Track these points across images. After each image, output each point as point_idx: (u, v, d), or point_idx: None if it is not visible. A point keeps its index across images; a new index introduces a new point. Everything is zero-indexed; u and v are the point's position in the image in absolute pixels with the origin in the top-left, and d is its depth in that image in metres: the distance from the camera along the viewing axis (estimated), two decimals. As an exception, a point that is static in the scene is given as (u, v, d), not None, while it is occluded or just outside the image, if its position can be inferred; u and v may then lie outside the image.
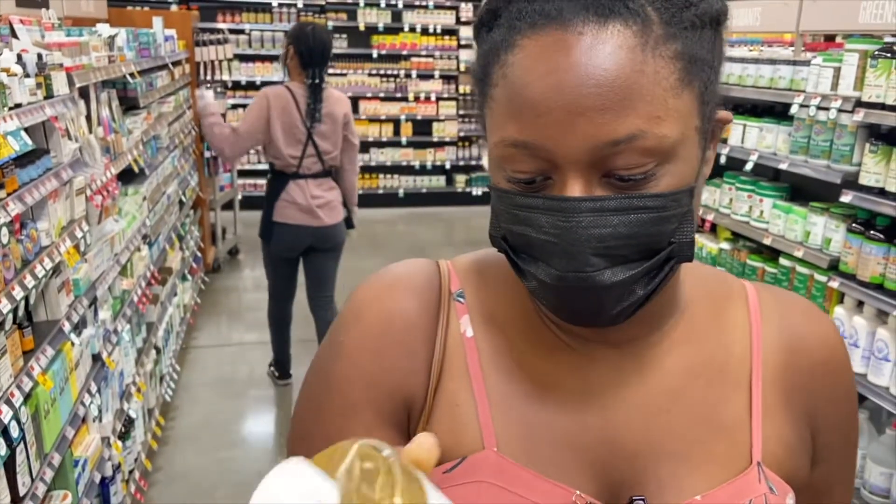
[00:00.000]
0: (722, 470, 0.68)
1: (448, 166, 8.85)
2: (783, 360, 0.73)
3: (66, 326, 2.26)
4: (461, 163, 8.88)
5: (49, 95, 2.25)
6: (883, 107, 2.59)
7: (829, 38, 5.21)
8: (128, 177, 3.55)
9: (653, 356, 0.71)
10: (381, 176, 8.68)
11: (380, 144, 8.60)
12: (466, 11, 8.63)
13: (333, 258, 3.98)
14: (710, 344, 0.72)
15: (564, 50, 0.57)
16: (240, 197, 7.08)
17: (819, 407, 0.74)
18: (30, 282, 1.95)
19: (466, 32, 8.66)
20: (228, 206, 6.73)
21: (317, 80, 3.67)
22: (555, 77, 0.57)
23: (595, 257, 0.58)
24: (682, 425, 0.69)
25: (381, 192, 8.64)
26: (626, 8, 0.58)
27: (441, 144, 8.81)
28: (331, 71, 8.32)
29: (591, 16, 0.57)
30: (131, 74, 3.31)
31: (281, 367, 4.24)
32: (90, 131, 2.74)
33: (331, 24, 8.32)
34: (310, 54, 3.64)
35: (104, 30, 3.20)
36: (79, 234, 2.42)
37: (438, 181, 8.83)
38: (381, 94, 8.48)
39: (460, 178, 8.83)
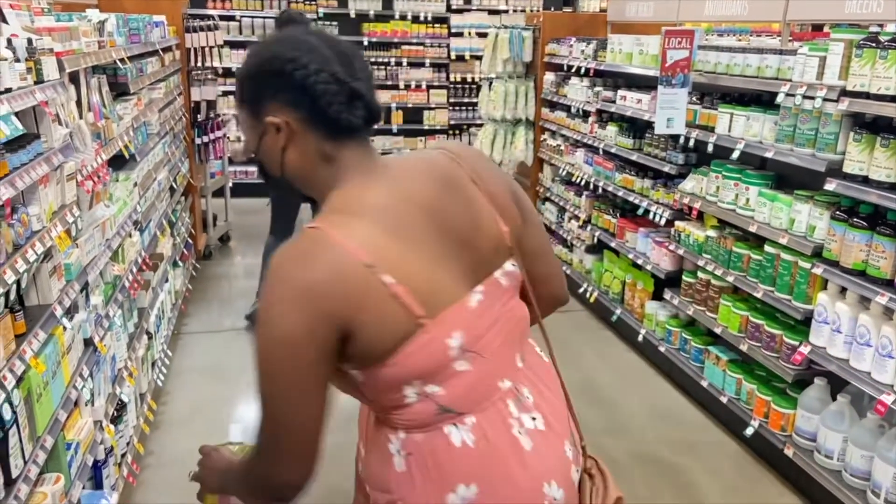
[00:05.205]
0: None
1: (439, 154, 8.84)
2: None
3: (58, 311, 2.28)
4: (452, 151, 8.87)
5: (39, 80, 2.25)
6: (867, 96, 2.62)
7: (817, 28, 5.24)
8: (118, 163, 3.55)
9: None
10: (372, 164, 8.67)
11: (370, 132, 8.58)
12: (457, -1, 8.62)
13: None
14: None
15: None
16: (231, 184, 7.06)
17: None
18: (21, 266, 1.96)
19: (457, 20, 8.65)
20: (220, 192, 6.73)
21: None
22: None
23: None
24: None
25: (372, 179, 8.64)
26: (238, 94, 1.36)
27: (432, 132, 8.81)
28: (322, 58, 8.34)
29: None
30: (121, 60, 3.31)
31: None
32: (80, 116, 2.74)
33: (322, 11, 8.29)
34: None
35: (94, 15, 3.20)
36: (70, 219, 2.43)
37: (429, 169, 8.83)
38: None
39: (451, 166, 8.83)
